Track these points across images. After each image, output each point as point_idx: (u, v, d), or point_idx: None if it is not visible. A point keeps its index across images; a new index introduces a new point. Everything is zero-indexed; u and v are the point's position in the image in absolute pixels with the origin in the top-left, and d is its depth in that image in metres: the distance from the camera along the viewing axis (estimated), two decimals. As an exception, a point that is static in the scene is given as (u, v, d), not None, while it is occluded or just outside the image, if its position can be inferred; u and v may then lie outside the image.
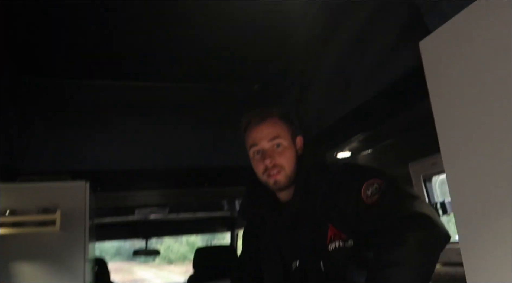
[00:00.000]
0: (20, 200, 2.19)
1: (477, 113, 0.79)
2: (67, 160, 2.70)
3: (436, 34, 0.88)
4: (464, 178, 0.84)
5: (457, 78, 0.83)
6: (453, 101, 0.85)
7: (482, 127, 0.79)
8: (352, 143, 2.13)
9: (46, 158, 2.65)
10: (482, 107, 0.77)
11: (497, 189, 0.74)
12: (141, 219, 3.92)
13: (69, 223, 2.23)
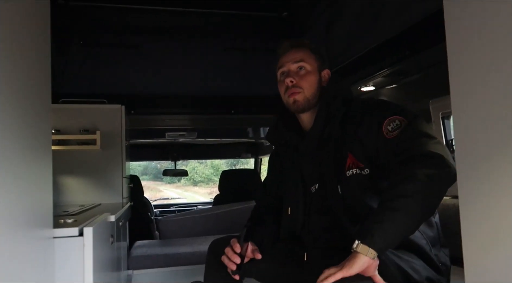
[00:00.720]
0: (63, 121, 2.38)
1: (491, 58, 0.84)
2: (103, 84, 2.85)
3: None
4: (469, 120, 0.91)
5: (475, 21, 0.87)
6: (469, 43, 0.90)
7: (495, 73, 0.85)
8: (377, 77, 2.17)
9: (83, 81, 2.80)
10: (496, 53, 0.83)
11: (499, 133, 0.82)
12: (171, 142, 4.14)
13: (107, 143, 2.43)
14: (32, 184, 0.89)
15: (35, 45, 0.97)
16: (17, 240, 0.81)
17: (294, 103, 1.47)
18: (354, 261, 1.14)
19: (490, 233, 0.87)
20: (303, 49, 1.51)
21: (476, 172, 0.90)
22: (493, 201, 0.86)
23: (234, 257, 1.42)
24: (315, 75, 1.48)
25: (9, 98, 0.79)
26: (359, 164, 1.34)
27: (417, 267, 1.26)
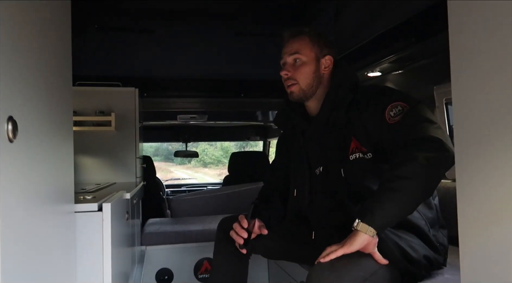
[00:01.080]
0: (80, 103, 2.47)
1: (491, 46, 0.89)
2: (117, 67, 2.93)
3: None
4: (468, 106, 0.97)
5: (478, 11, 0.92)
6: (471, 31, 0.95)
7: (494, 62, 0.90)
8: (383, 63, 2.21)
9: (98, 65, 2.89)
10: (496, 43, 0.88)
11: (496, 119, 0.87)
12: (182, 124, 4.24)
13: (122, 124, 2.52)
14: (55, 163, 0.98)
15: (55, 29, 1.04)
16: (43, 214, 0.90)
17: (291, 94, 1.55)
18: (355, 239, 1.21)
19: (485, 214, 0.93)
20: (301, 39, 1.55)
21: (473, 156, 0.96)
22: (489, 183, 0.92)
23: (241, 232, 1.52)
24: (311, 65, 1.53)
25: (35, 82, 0.87)
26: (362, 148, 1.41)
27: (415, 246, 1.34)
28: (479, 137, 0.95)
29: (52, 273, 0.94)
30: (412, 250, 1.32)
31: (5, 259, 0.70)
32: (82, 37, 2.86)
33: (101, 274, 1.15)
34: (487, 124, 0.93)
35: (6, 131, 0.72)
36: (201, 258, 2.64)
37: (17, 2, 0.77)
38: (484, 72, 0.93)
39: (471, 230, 0.99)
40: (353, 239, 1.21)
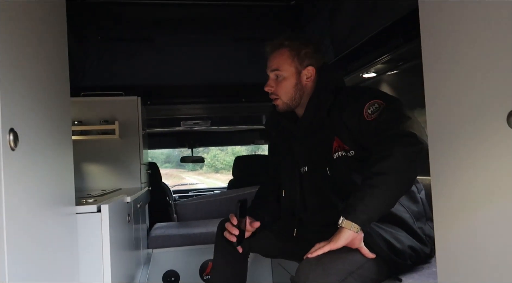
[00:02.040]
0: (85, 113, 2.56)
1: (461, 47, 0.95)
2: (120, 76, 3.03)
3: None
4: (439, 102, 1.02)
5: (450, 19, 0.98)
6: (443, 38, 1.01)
7: (463, 62, 0.95)
8: (377, 64, 2.27)
9: (101, 75, 2.98)
10: (465, 44, 0.94)
11: (466, 114, 0.93)
12: (186, 130, 4.32)
13: (126, 132, 2.61)
14: (56, 168, 1.05)
15: (53, 42, 1.12)
16: (45, 216, 0.98)
17: (277, 107, 1.62)
18: (340, 235, 1.27)
19: (458, 203, 0.99)
20: (281, 53, 1.58)
21: (446, 148, 1.02)
22: (461, 173, 0.98)
23: (233, 230, 1.59)
24: (292, 80, 1.57)
25: (34, 96, 0.94)
26: (344, 146, 1.46)
27: (399, 237, 1.39)
28: (451, 132, 1.01)
29: (56, 271, 1.01)
30: (397, 241, 1.37)
31: (11, 260, 0.76)
32: (85, 48, 2.96)
33: (102, 273, 1.22)
34: (458, 119, 0.99)
35: (8, 141, 0.79)
36: (206, 260, 2.70)
37: (16, 19, 0.85)
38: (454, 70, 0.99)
39: (445, 219, 1.05)
40: (339, 235, 1.27)
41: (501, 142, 0.86)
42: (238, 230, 1.59)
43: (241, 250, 1.63)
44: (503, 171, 0.86)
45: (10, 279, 0.75)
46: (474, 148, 0.94)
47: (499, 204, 0.87)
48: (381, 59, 2.20)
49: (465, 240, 0.98)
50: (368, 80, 2.51)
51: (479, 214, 0.93)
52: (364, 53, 2.33)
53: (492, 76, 0.87)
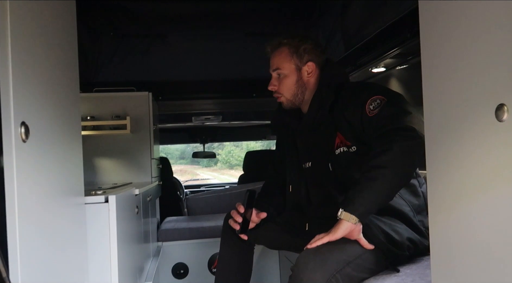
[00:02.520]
0: (97, 108, 2.62)
1: (459, 45, 0.97)
2: (132, 72, 3.09)
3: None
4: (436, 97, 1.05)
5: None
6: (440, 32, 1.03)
7: (461, 59, 0.98)
8: (386, 58, 2.27)
9: (114, 71, 3.05)
10: (464, 43, 0.96)
11: (462, 109, 0.95)
12: (199, 126, 4.38)
13: (137, 127, 2.66)
14: (65, 160, 1.10)
15: (62, 38, 1.16)
16: (55, 205, 1.03)
17: (282, 105, 1.67)
18: (339, 227, 1.31)
19: (452, 194, 1.02)
20: (280, 51, 1.63)
21: (441, 142, 1.05)
22: (454, 165, 1.01)
23: (237, 217, 1.63)
24: (292, 77, 1.62)
25: (44, 91, 0.99)
26: (346, 142, 1.50)
27: (398, 230, 1.42)
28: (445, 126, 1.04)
29: (65, 259, 1.07)
30: (396, 233, 1.40)
31: (23, 247, 0.81)
32: (98, 45, 3.02)
33: (109, 262, 1.27)
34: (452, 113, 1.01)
35: (19, 133, 0.84)
36: (215, 253, 2.75)
37: (27, 17, 0.90)
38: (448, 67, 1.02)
39: (440, 210, 1.07)
40: (337, 227, 1.30)
41: (490, 135, 0.88)
42: (242, 218, 1.64)
43: (246, 238, 1.68)
44: (493, 163, 0.88)
45: (22, 266, 0.80)
46: (466, 141, 0.97)
47: (491, 194, 0.89)
48: (389, 54, 2.21)
49: (459, 228, 1.00)
50: (378, 74, 2.52)
51: (472, 204, 0.96)
52: (373, 47, 2.34)
53: (482, 72, 0.90)
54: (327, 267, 1.26)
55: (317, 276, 1.25)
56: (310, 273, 1.26)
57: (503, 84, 0.84)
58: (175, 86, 3.25)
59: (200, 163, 17.57)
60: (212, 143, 7.20)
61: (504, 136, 0.85)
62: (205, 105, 3.60)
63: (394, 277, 1.37)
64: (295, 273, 1.30)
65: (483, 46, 0.89)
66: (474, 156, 0.94)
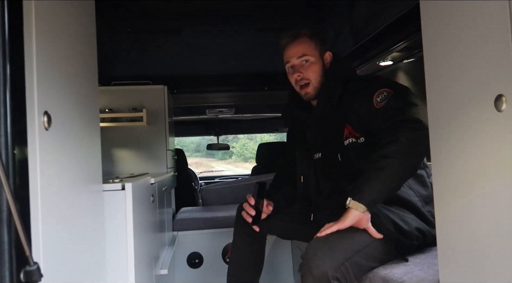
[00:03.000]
0: (114, 101, 2.71)
1: (460, 42, 1.00)
2: (148, 66, 3.17)
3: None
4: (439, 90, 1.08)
5: None
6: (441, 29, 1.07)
7: (463, 53, 1.01)
8: (393, 51, 2.29)
9: (131, 65, 3.13)
10: (465, 38, 0.99)
11: (464, 101, 0.99)
12: (212, 118, 4.45)
13: (153, 120, 2.74)
14: (84, 148, 1.17)
15: (83, 34, 1.23)
16: (75, 192, 1.09)
17: (306, 95, 1.67)
18: (347, 216, 1.35)
19: (455, 181, 1.06)
20: (303, 40, 1.66)
21: (443, 131, 1.08)
22: (457, 154, 1.04)
23: (250, 210, 1.68)
24: (318, 63, 1.65)
25: (65, 83, 1.06)
26: (355, 133, 1.53)
27: (407, 219, 1.46)
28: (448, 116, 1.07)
29: (85, 243, 1.14)
30: (404, 223, 1.43)
31: (45, 232, 0.87)
32: (116, 41, 3.10)
33: (125, 246, 1.34)
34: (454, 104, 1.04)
35: (42, 122, 0.90)
36: (229, 243, 2.81)
37: (49, 14, 0.96)
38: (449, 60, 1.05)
39: (444, 197, 1.11)
40: (346, 216, 1.35)
41: (490, 125, 0.92)
42: (255, 211, 1.69)
43: (258, 229, 1.73)
44: (494, 152, 0.92)
45: (44, 249, 0.86)
46: (467, 132, 1.00)
47: (492, 182, 0.93)
48: (396, 47, 2.23)
49: (463, 214, 1.04)
50: (385, 68, 2.54)
51: (474, 192, 0.99)
52: (380, 41, 2.36)
53: (481, 64, 0.93)
54: (336, 255, 1.30)
55: (327, 264, 1.29)
56: (319, 261, 1.30)
57: (501, 76, 0.88)
58: (190, 79, 3.31)
59: (215, 156, 17.68)
60: (227, 136, 7.26)
61: (504, 126, 0.88)
62: (218, 98, 3.66)
63: (403, 266, 1.41)
64: (305, 261, 1.35)
65: (482, 39, 0.93)
66: (475, 145, 0.98)
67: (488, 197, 0.95)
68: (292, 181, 1.87)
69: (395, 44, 2.19)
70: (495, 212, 0.93)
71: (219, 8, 3.05)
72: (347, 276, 1.30)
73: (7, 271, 0.68)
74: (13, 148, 0.77)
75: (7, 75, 0.78)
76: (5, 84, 0.77)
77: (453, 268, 1.12)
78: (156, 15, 3.03)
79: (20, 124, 0.82)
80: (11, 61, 0.79)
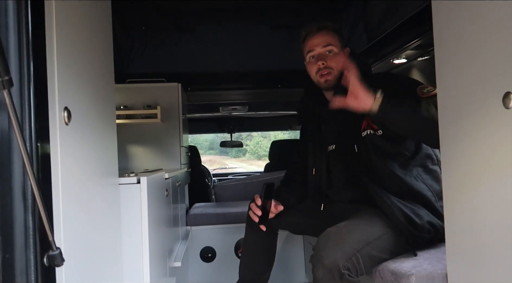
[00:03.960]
0: (129, 98, 2.76)
1: (471, 40, 1.02)
2: (163, 64, 3.22)
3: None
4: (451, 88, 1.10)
5: None
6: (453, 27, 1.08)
7: (474, 51, 1.03)
8: (407, 49, 2.30)
9: (146, 63, 3.18)
10: (476, 35, 1.01)
11: (474, 98, 1.01)
12: (226, 116, 4.49)
13: (167, 117, 2.79)
14: (102, 143, 1.22)
15: (100, 34, 1.28)
16: (93, 183, 1.14)
17: (326, 82, 1.69)
18: (366, 95, 1.38)
19: (465, 179, 1.07)
20: (329, 32, 1.71)
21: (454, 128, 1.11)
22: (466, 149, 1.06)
23: (256, 210, 1.72)
24: (341, 54, 1.70)
25: (84, 80, 1.10)
26: (373, 126, 1.56)
27: (419, 213, 1.48)
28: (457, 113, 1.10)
29: (102, 233, 1.18)
30: (416, 216, 1.46)
31: (66, 221, 0.92)
32: (131, 39, 3.17)
33: (141, 238, 1.39)
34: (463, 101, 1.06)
35: (63, 117, 0.95)
36: (241, 238, 2.83)
37: (69, 15, 1.01)
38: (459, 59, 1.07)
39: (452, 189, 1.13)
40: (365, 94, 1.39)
41: (498, 121, 0.94)
42: (261, 211, 1.72)
43: (264, 228, 1.76)
44: (501, 148, 0.94)
45: (64, 236, 0.91)
46: (476, 128, 1.03)
47: (500, 177, 0.95)
48: (410, 45, 2.24)
49: (470, 209, 1.06)
50: (399, 66, 2.54)
51: (482, 186, 1.01)
52: (394, 39, 2.37)
53: (489, 63, 0.95)
54: (347, 246, 1.33)
55: (338, 255, 1.31)
56: (330, 251, 1.32)
57: (509, 73, 0.89)
58: (203, 77, 3.36)
59: (228, 153, 17.73)
60: (240, 134, 7.30)
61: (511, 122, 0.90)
62: (232, 95, 3.70)
63: (412, 260, 1.43)
64: (316, 251, 1.37)
65: (491, 38, 0.95)
66: (483, 142, 1.00)
67: (495, 193, 0.97)
68: (304, 177, 1.90)
69: (409, 42, 2.20)
70: (503, 208, 0.94)
71: (233, 6, 3.09)
72: (357, 267, 1.32)
73: (32, 254, 0.73)
74: (36, 141, 0.82)
75: (31, 73, 0.83)
76: (29, 82, 0.82)
77: (460, 262, 1.14)
78: (170, 13, 3.08)
79: (42, 118, 0.86)
80: (34, 60, 0.83)
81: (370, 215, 1.52)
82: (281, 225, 1.92)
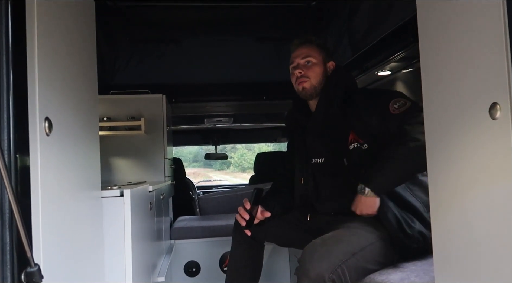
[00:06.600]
0: (113, 109, 2.72)
1: (455, 49, 1.03)
2: (147, 76, 3.19)
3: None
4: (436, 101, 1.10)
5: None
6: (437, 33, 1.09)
7: (459, 62, 1.04)
8: (391, 61, 2.33)
9: (130, 74, 3.15)
10: (461, 44, 1.02)
11: (459, 109, 1.01)
12: (211, 128, 4.46)
13: (151, 128, 2.75)
14: (84, 155, 1.18)
15: (83, 44, 1.25)
16: (74, 197, 1.10)
17: (303, 90, 1.74)
18: None
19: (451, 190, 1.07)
20: (309, 45, 1.78)
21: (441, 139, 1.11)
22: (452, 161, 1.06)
23: (244, 214, 1.71)
24: (320, 66, 1.74)
25: (66, 90, 1.07)
26: (359, 140, 1.59)
27: (410, 223, 1.49)
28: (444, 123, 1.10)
29: (84, 248, 1.14)
30: (407, 225, 1.47)
31: (45, 235, 0.88)
32: (115, 50, 3.13)
33: (123, 252, 1.35)
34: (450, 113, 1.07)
35: (44, 127, 0.92)
36: (226, 252, 2.81)
37: (51, 25, 0.98)
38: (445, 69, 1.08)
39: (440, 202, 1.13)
40: None
41: (485, 132, 0.94)
42: (249, 215, 1.71)
43: (249, 233, 1.76)
44: (488, 159, 0.93)
45: (44, 252, 0.87)
46: (463, 139, 1.03)
47: (486, 188, 0.95)
48: (394, 57, 2.27)
49: (458, 220, 1.06)
50: (383, 78, 2.57)
51: (469, 198, 1.01)
52: (378, 51, 2.40)
53: (476, 73, 0.95)
54: (332, 257, 1.32)
55: (323, 266, 1.30)
56: (316, 263, 1.31)
57: (496, 84, 0.90)
58: (188, 89, 3.34)
59: (213, 166, 17.66)
60: (225, 147, 7.28)
61: (498, 133, 0.90)
62: (217, 107, 3.68)
63: (399, 273, 1.42)
64: (301, 263, 1.36)
65: (477, 48, 0.95)
66: (470, 153, 1.00)
67: (483, 204, 0.96)
68: (290, 189, 1.89)
69: (393, 54, 2.23)
70: (490, 219, 0.94)
71: (218, 18, 3.09)
72: (343, 279, 1.31)
73: (8, 271, 0.69)
74: (15, 152, 0.78)
75: (11, 81, 0.80)
76: (8, 90, 0.79)
77: (448, 274, 1.13)
78: (155, 25, 3.07)
79: (22, 129, 0.83)
80: (14, 68, 0.81)
81: (355, 226, 1.52)
82: (268, 238, 1.90)
